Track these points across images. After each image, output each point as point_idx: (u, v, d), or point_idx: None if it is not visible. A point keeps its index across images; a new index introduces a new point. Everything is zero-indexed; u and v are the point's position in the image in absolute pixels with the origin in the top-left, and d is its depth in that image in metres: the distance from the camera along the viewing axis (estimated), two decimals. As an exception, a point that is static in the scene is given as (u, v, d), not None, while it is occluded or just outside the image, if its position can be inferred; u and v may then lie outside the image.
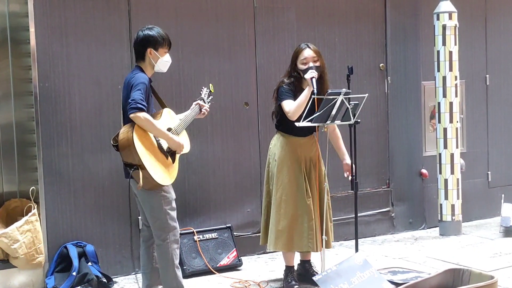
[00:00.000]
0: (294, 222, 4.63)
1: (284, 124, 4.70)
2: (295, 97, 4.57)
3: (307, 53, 4.62)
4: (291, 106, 4.53)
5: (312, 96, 4.40)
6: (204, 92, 4.58)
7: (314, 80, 4.47)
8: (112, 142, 4.01)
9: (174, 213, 4.17)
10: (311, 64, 4.57)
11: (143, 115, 3.89)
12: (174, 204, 4.18)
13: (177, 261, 4.19)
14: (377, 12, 6.38)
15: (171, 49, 4.26)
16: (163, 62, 4.19)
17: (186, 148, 4.30)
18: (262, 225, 4.85)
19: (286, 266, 4.83)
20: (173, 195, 4.19)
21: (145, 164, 3.89)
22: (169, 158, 4.12)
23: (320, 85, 4.57)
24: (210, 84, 4.68)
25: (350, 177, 4.74)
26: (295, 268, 4.88)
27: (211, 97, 4.62)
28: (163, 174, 4.03)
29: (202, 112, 4.44)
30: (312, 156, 4.74)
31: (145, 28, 4.18)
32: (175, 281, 4.18)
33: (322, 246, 4.50)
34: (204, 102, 4.48)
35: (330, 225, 4.77)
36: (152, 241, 4.27)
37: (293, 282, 4.74)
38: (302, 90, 4.58)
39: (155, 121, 4.00)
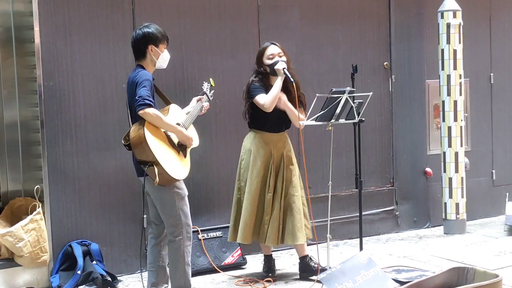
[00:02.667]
0: (253, 215, 4.77)
1: (256, 121, 4.81)
2: (266, 92, 4.67)
3: (273, 49, 4.76)
4: (266, 99, 4.64)
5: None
6: (206, 86, 4.64)
7: (286, 70, 4.59)
8: (123, 142, 3.99)
9: (187, 210, 4.17)
10: (277, 58, 4.69)
11: (152, 110, 3.89)
12: (187, 201, 4.18)
13: (188, 259, 4.18)
14: (381, 10, 6.37)
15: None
16: (163, 58, 4.20)
17: (195, 142, 4.31)
18: (232, 221, 4.93)
19: (264, 255, 5.05)
20: (185, 191, 4.19)
21: (159, 160, 3.89)
22: (181, 152, 4.13)
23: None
24: (211, 79, 4.73)
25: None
26: (272, 257, 5.06)
27: (213, 91, 4.66)
28: (178, 169, 4.03)
29: (203, 110, 4.51)
30: (285, 153, 4.82)
31: (142, 26, 4.19)
32: (183, 278, 4.17)
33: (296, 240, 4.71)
34: (208, 97, 4.54)
35: (306, 221, 4.85)
36: (161, 239, 4.28)
37: (268, 273, 4.98)
38: (271, 86, 4.68)
39: (164, 116, 4.01)
